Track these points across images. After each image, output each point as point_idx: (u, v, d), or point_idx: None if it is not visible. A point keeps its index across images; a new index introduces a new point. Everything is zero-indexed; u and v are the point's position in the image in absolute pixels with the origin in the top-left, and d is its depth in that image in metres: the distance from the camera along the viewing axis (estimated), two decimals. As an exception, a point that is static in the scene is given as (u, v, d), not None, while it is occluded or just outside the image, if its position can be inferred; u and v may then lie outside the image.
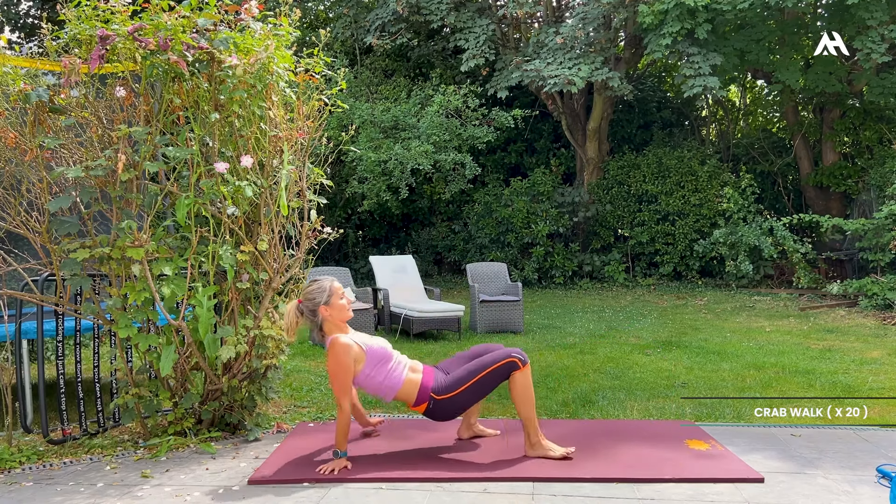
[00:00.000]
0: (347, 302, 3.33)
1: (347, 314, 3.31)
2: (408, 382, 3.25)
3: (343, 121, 11.10)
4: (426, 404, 3.25)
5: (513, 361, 3.18)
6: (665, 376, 5.08)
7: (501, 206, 12.55)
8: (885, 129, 11.45)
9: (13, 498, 2.90)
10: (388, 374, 3.24)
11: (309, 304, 3.27)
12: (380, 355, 3.25)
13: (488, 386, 3.24)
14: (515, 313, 7.24)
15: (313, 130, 3.90)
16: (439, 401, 3.23)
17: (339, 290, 3.31)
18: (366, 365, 3.22)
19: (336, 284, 3.31)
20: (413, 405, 3.28)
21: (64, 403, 3.57)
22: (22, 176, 3.40)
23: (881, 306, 8.42)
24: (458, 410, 3.31)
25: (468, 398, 3.24)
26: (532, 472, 3.05)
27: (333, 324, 3.28)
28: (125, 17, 3.32)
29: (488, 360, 3.23)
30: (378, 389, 3.26)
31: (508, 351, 3.24)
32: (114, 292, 3.38)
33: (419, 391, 3.24)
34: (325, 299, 3.25)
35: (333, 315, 3.27)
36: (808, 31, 11.10)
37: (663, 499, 2.80)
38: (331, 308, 3.26)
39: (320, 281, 3.31)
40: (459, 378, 3.24)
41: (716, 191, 11.88)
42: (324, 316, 3.26)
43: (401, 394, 3.25)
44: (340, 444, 3.15)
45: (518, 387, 3.20)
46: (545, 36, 11.35)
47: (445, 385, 3.24)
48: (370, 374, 3.22)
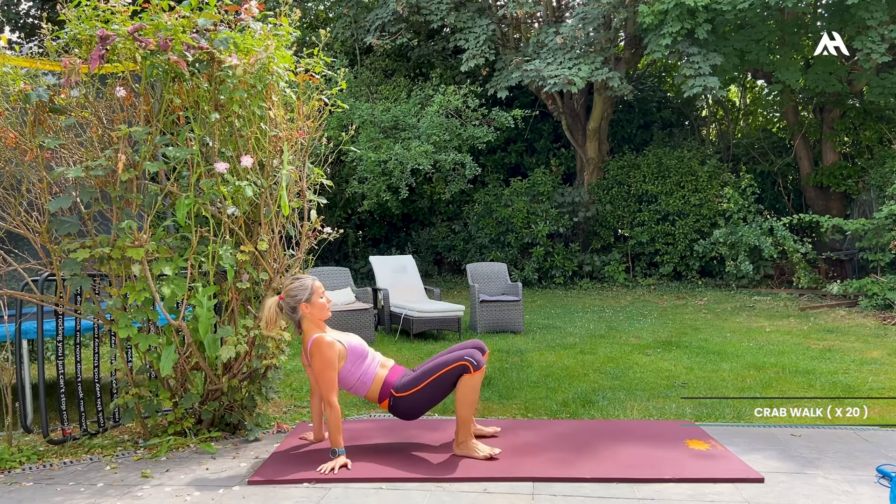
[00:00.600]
0: (327, 301, 3.37)
1: (326, 313, 3.35)
2: (377, 379, 3.33)
3: (343, 121, 11.10)
4: (388, 400, 3.32)
5: (464, 365, 3.20)
6: (665, 376, 5.08)
7: (501, 206, 12.55)
8: (885, 129, 11.45)
9: (13, 498, 2.90)
10: (364, 370, 3.32)
11: (290, 301, 3.30)
12: (358, 352, 3.32)
13: (444, 387, 3.27)
14: (515, 313, 7.24)
15: (313, 130, 3.90)
16: (398, 398, 3.30)
17: (320, 288, 3.35)
18: (346, 361, 3.28)
19: (317, 283, 3.35)
20: (378, 401, 3.35)
21: (64, 403, 3.57)
22: (22, 176, 3.40)
23: (881, 306, 8.42)
24: (417, 409, 3.34)
25: (426, 397, 3.28)
26: (532, 472, 3.05)
27: (312, 322, 3.31)
28: (125, 17, 3.32)
29: (442, 362, 3.27)
30: (353, 386, 3.32)
31: (462, 354, 3.26)
32: (114, 292, 3.38)
33: (382, 387, 3.32)
34: (307, 297, 3.29)
35: (313, 313, 3.30)
36: (808, 31, 11.10)
37: (663, 499, 2.80)
38: (311, 306, 3.29)
39: (302, 279, 3.35)
40: (416, 378, 3.30)
41: (716, 191, 11.87)
42: (304, 313, 3.30)
43: (371, 391, 3.32)
44: (337, 443, 3.16)
45: (464, 388, 3.22)
46: (545, 36, 11.35)
47: (404, 383, 3.31)
48: (350, 371, 3.29)
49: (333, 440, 3.17)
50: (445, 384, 3.26)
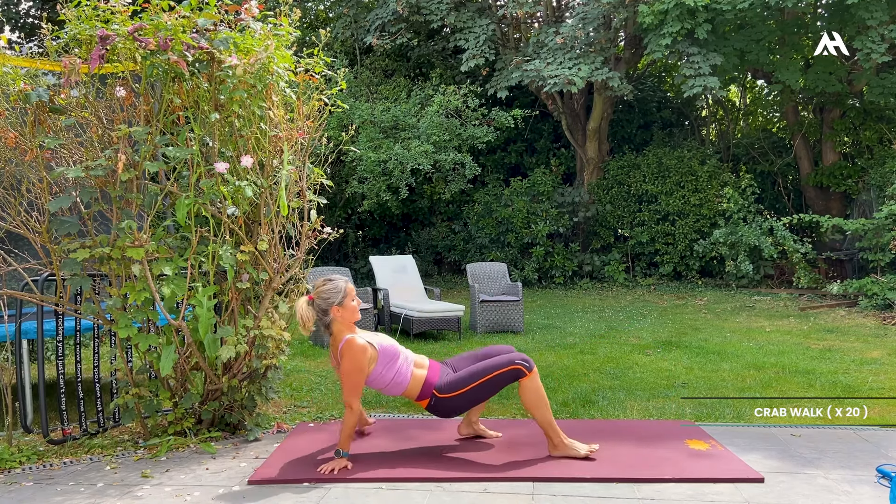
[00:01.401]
0: (358, 303, 3.36)
1: (357, 316, 3.34)
2: (414, 378, 3.29)
3: (343, 121, 11.10)
4: (428, 400, 3.28)
5: (517, 369, 3.18)
6: (665, 376, 5.08)
7: (501, 206, 12.55)
8: (885, 129, 11.45)
9: (13, 498, 2.90)
10: (396, 371, 3.28)
11: (322, 304, 3.28)
12: (390, 353, 3.29)
13: (491, 390, 3.24)
14: (515, 313, 7.24)
15: (313, 130, 3.90)
16: (441, 398, 3.26)
17: (352, 291, 3.34)
18: (378, 364, 3.25)
19: (350, 285, 3.34)
20: (416, 399, 3.32)
21: (64, 403, 3.57)
22: (22, 176, 3.40)
23: (881, 306, 8.42)
24: (459, 409, 3.32)
25: (470, 399, 3.26)
26: (532, 472, 3.05)
27: (343, 324, 3.31)
28: (125, 17, 3.32)
29: (492, 365, 3.22)
30: (387, 387, 3.29)
31: (512, 357, 3.23)
32: (114, 292, 3.38)
33: (423, 387, 3.28)
34: (339, 300, 3.28)
35: (345, 316, 3.29)
36: (808, 31, 11.10)
37: (663, 499, 2.80)
38: (343, 309, 3.29)
39: (335, 281, 3.32)
40: (463, 379, 3.25)
41: (716, 191, 11.87)
42: (335, 316, 3.29)
43: (408, 390, 3.30)
44: (344, 444, 3.16)
45: (528, 392, 3.20)
46: (545, 36, 11.34)
47: (448, 383, 3.26)
48: (381, 373, 3.26)
49: (342, 441, 3.16)
50: (495, 387, 3.23)
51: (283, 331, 3.74)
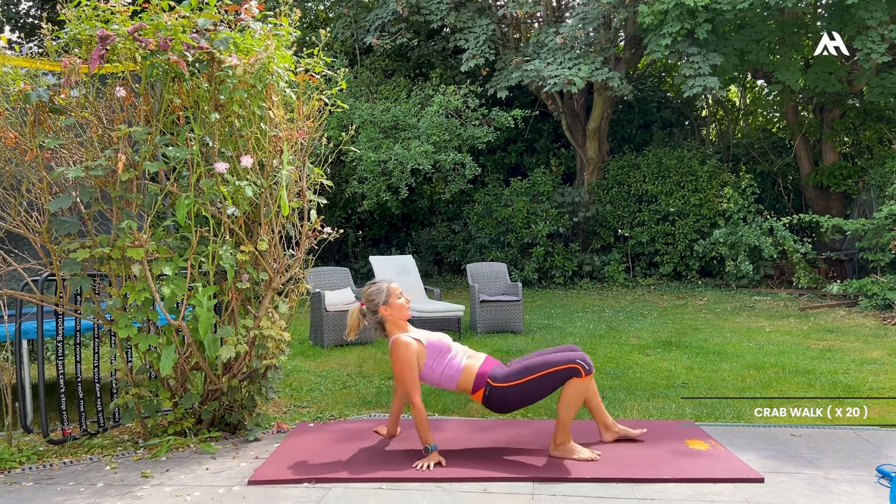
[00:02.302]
0: (406, 301, 3.45)
1: (406, 313, 3.44)
2: (466, 370, 3.32)
3: (343, 121, 11.10)
4: (483, 390, 3.30)
5: (575, 368, 3.18)
6: (665, 376, 5.08)
7: (501, 206, 12.55)
8: (885, 129, 11.45)
9: (13, 498, 2.90)
10: (447, 364, 3.32)
11: (370, 306, 3.44)
12: (439, 347, 3.35)
13: (547, 386, 3.24)
14: (515, 313, 7.23)
15: (313, 130, 3.90)
16: (495, 387, 3.26)
17: (396, 290, 3.45)
18: (427, 358, 3.32)
19: (394, 285, 3.46)
20: (472, 393, 3.34)
21: (64, 403, 3.57)
22: (22, 176, 3.40)
23: (881, 306, 8.42)
24: (514, 402, 3.31)
25: (526, 392, 3.25)
26: (532, 472, 3.05)
27: (394, 323, 3.41)
28: (125, 17, 3.31)
29: (552, 360, 3.23)
30: (440, 380, 3.33)
31: (574, 356, 3.23)
32: (114, 292, 3.38)
33: (476, 377, 3.30)
34: (384, 299, 3.41)
35: (393, 314, 3.41)
36: (808, 31, 11.10)
37: (663, 499, 2.80)
38: (390, 308, 3.41)
39: (378, 283, 3.50)
40: (518, 371, 3.27)
41: (716, 191, 11.87)
42: (384, 315, 3.41)
43: (461, 382, 3.32)
44: (427, 439, 3.19)
45: (571, 391, 3.19)
46: (545, 36, 11.35)
47: (503, 374, 3.29)
48: (432, 367, 3.32)
49: (423, 438, 3.19)
50: (551, 383, 3.23)
51: (283, 331, 3.74)
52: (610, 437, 3.49)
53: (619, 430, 3.50)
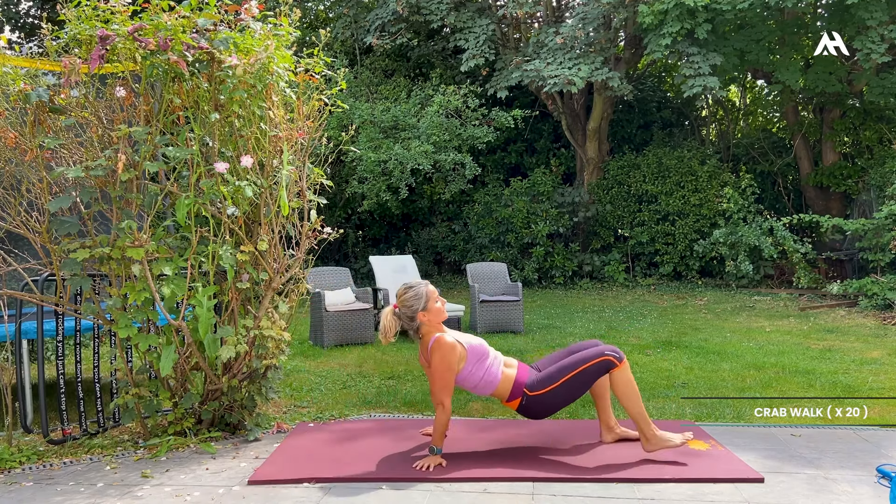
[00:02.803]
0: (442, 303, 3.39)
1: (444, 316, 3.37)
2: (504, 378, 3.29)
3: (343, 121, 11.10)
4: (519, 400, 3.28)
5: (607, 360, 3.17)
6: (665, 376, 5.08)
7: (501, 206, 12.55)
8: (885, 129, 11.45)
9: (13, 498, 2.90)
10: (486, 370, 3.29)
11: (406, 312, 3.33)
12: (479, 352, 3.31)
13: (583, 384, 3.23)
14: (515, 313, 7.23)
15: (313, 130, 3.90)
16: (532, 396, 3.25)
17: (434, 293, 3.37)
18: (467, 363, 3.27)
19: (430, 289, 3.37)
20: (507, 401, 3.31)
21: (64, 403, 3.57)
22: (22, 176, 3.40)
23: (881, 306, 8.42)
24: (551, 408, 3.29)
25: (562, 395, 3.24)
26: (532, 472, 3.05)
27: (432, 326, 3.34)
28: (125, 17, 3.31)
29: (581, 358, 3.22)
30: (476, 386, 3.31)
31: (602, 349, 3.23)
32: (114, 292, 3.38)
33: (513, 386, 3.28)
34: (423, 305, 3.31)
35: (431, 320, 3.33)
36: (808, 31, 11.10)
37: (663, 499, 2.80)
38: (428, 313, 3.32)
39: (415, 287, 3.36)
40: (552, 375, 3.25)
41: (716, 191, 11.87)
42: (422, 321, 3.33)
43: (498, 390, 3.30)
44: (437, 442, 3.18)
45: (619, 384, 3.19)
46: (545, 36, 11.35)
47: (538, 380, 3.26)
48: (471, 371, 3.28)
49: (436, 439, 3.18)
50: (586, 381, 3.22)
51: (283, 331, 3.74)
52: (611, 437, 3.48)
53: (620, 432, 3.50)
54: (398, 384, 4.94)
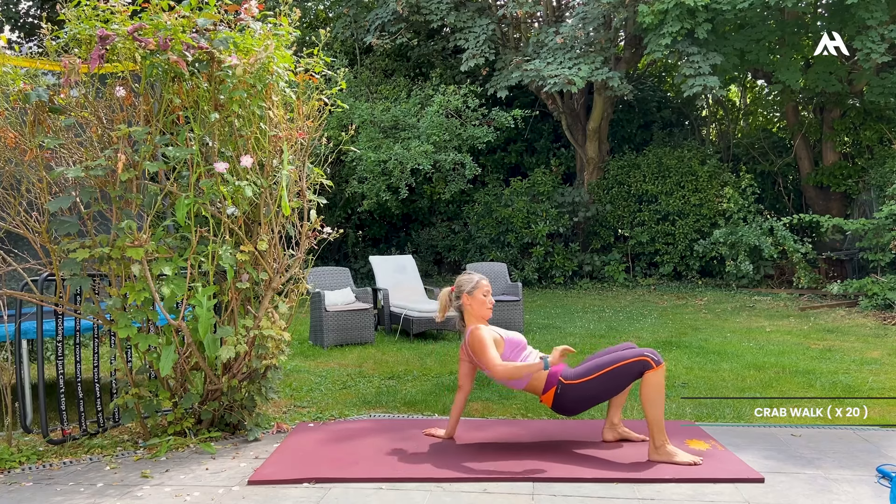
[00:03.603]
0: (490, 302, 3.47)
1: (487, 312, 3.46)
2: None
3: (343, 121, 11.10)
4: (554, 388, 3.30)
5: (645, 360, 3.18)
6: (665, 376, 5.07)
7: (501, 206, 12.55)
8: (885, 129, 11.45)
9: (13, 498, 2.90)
10: (523, 360, 3.37)
11: (456, 291, 3.52)
12: (516, 343, 3.43)
13: (618, 381, 3.24)
14: (515, 313, 7.23)
15: (313, 130, 3.89)
16: (567, 385, 3.27)
17: (485, 286, 3.49)
18: (505, 350, 3.37)
19: (484, 281, 3.51)
20: (542, 393, 3.35)
21: (64, 403, 3.57)
22: (22, 176, 3.40)
23: (881, 306, 8.41)
24: (585, 401, 3.31)
25: (597, 389, 3.26)
26: (532, 472, 3.05)
27: (472, 314, 3.45)
28: (125, 17, 3.31)
29: (621, 356, 3.24)
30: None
31: (642, 350, 3.25)
32: (113, 292, 3.38)
33: (548, 377, 3.32)
34: (469, 289, 3.46)
35: (474, 306, 3.45)
36: (808, 31, 11.10)
37: (663, 499, 2.80)
38: (472, 299, 3.45)
39: (472, 274, 3.57)
40: (589, 368, 3.29)
41: (716, 191, 11.87)
42: (464, 303, 3.46)
43: (532, 381, 3.34)
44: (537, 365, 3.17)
45: (649, 387, 3.18)
46: (545, 36, 11.35)
47: (574, 373, 3.31)
48: (509, 357, 3.36)
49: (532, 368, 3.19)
50: (621, 379, 3.23)
51: (283, 331, 3.74)
52: (612, 436, 3.49)
53: (622, 432, 3.51)
54: (398, 384, 4.94)
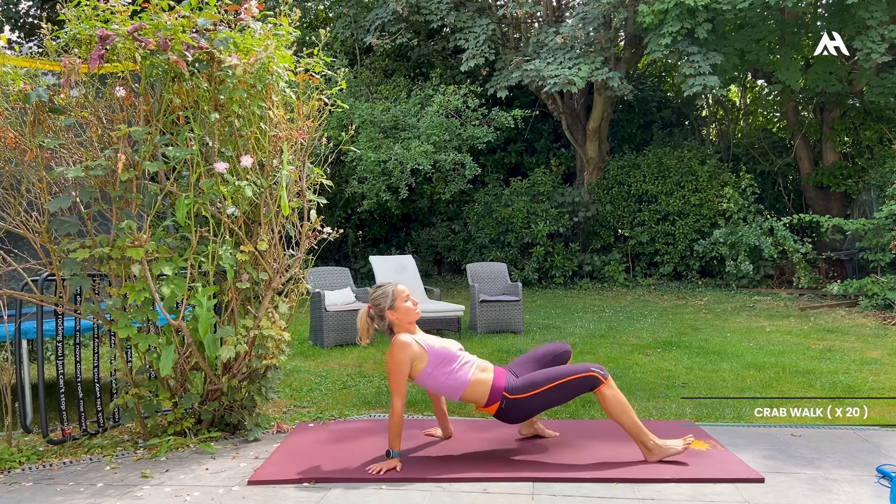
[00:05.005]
0: (413, 303, 3.35)
1: (414, 316, 3.33)
2: (476, 382, 3.23)
3: (343, 121, 11.10)
4: (498, 404, 3.22)
5: (593, 377, 3.13)
6: (665, 376, 5.08)
7: (501, 206, 12.55)
8: (885, 129, 11.45)
9: (13, 498, 2.90)
10: (450, 373, 3.22)
11: (376, 310, 3.33)
12: (442, 355, 3.24)
13: (565, 395, 3.20)
14: (515, 313, 7.23)
15: (313, 130, 3.89)
16: (512, 400, 3.20)
17: (402, 292, 3.34)
18: (427, 364, 3.21)
19: (399, 287, 3.35)
20: (483, 406, 3.26)
21: (64, 403, 3.57)
22: (22, 176, 3.40)
23: (881, 306, 8.41)
24: (529, 413, 3.27)
25: (542, 402, 3.21)
26: (532, 472, 3.05)
27: (402, 326, 3.31)
28: (125, 17, 3.31)
29: (567, 370, 3.19)
30: (440, 388, 3.26)
31: (587, 365, 3.20)
32: (114, 292, 3.38)
33: (491, 391, 3.22)
34: (390, 304, 3.29)
35: (400, 318, 3.30)
36: (808, 31, 11.10)
37: (663, 499, 2.80)
38: (396, 311, 3.29)
39: (384, 287, 3.36)
40: (535, 381, 3.20)
41: (716, 191, 11.87)
42: (391, 319, 3.30)
43: (468, 394, 3.23)
44: (393, 444, 3.14)
45: (608, 401, 3.14)
46: (545, 36, 11.35)
47: (519, 386, 3.22)
48: (431, 373, 3.22)
49: (391, 441, 3.15)
50: (568, 392, 3.19)
51: (283, 331, 3.74)
52: (527, 431, 3.55)
53: (537, 428, 3.55)
54: (398, 384, 4.93)
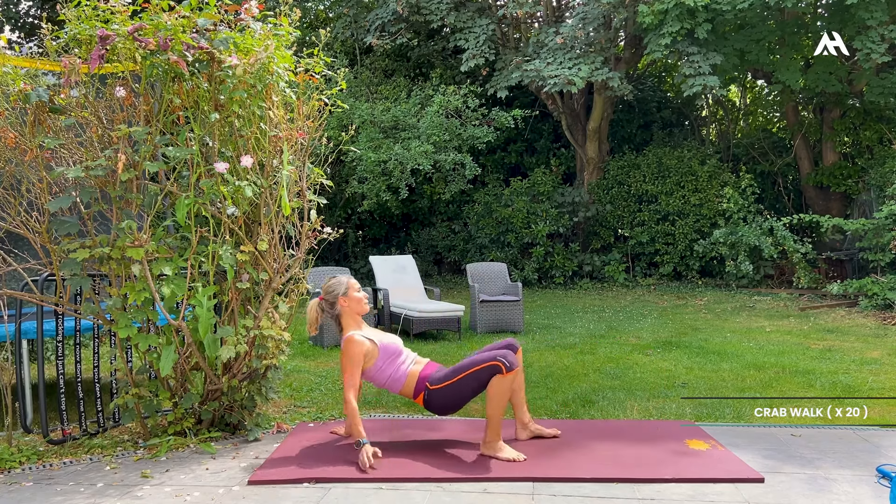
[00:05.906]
0: (364, 296, 3.54)
1: (363, 307, 3.53)
2: (411, 374, 3.41)
3: (343, 121, 11.10)
4: (423, 394, 3.38)
5: (496, 365, 3.22)
6: (665, 376, 5.08)
7: (501, 206, 12.55)
8: (885, 129, 11.45)
9: (13, 498, 2.90)
10: (397, 368, 3.41)
11: (329, 298, 3.53)
12: (391, 351, 3.42)
13: (478, 383, 3.28)
14: (515, 313, 7.23)
15: (313, 130, 3.90)
16: (432, 390, 3.35)
17: (355, 284, 3.59)
18: (378, 359, 3.39)
19: (352, 280, 3.58)
20: (413, 397, 3.41)
21: (64, 403, 3.57)
22: (22, 176, 3.40)
23: (881, 306, 8.42)
24: (452, 403, 3.37)
25: (459, 392, 3.32)
26: (532, 472, 3.05)
27: (350, 316, 3.49)
28: (125, 17, 3.31)
29: (476, 360, 3.31)
30: (385, 382, 3.42)
31: (496, 354, 3.28)
32: (114, 292, 3.38)
33: (417, 382, 3.39)
34: (343, 291, 3.51)
35: (351, 306, 3.49)
36: (808, 31, 11.10)
37: (663, 499, 2.80)
38: (348, 299, 3.50)
39: (338, 277, 3.62)
40: (449, 373, 3.36)
41: (716, 191, 11.87)
42: (342, 307, 3.49)
43: (406, 385, 3.40)
44: (359, 433, 3.22)
45: (493, 387, 3.24)
46: (545, 36, 11.35)
47: (440, 377, 3.37)
48: (382, 368, 3.40)
49: (355, 433, 3.24)
50: (477, 382, 3.28)
51: (283, 331, 3.74)
52: (525, 435, 3.55)
53: (534, 429, 3.56)
54: (398, 384, 4.94)
